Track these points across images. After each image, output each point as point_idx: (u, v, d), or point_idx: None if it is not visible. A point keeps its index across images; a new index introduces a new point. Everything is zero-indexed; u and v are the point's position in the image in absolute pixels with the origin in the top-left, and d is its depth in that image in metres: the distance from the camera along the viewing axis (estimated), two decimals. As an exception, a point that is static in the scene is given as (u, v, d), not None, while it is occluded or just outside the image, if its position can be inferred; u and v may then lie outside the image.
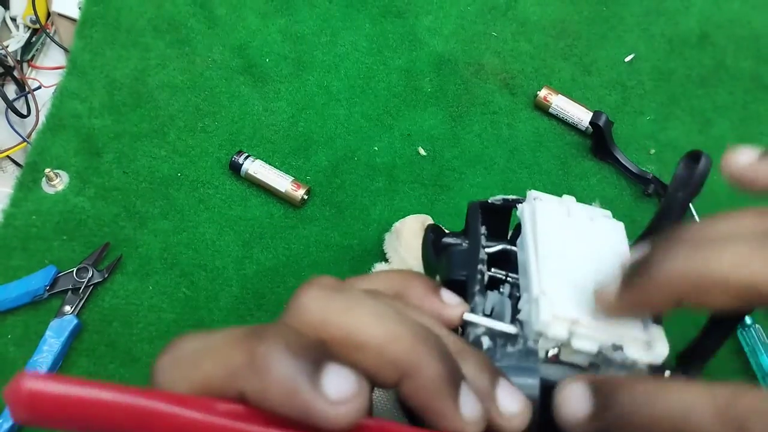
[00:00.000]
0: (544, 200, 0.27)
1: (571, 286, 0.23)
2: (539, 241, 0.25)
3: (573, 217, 0.27)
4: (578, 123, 0.67)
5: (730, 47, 0.75)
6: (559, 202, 0.28)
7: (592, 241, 0.26)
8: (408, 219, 0.59)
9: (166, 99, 0.66)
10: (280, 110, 0.67)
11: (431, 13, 0.73)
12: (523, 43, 0.73)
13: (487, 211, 0.29)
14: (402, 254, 0.56)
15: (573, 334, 0.22)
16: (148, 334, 0.56)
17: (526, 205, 0.27)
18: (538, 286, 0.23)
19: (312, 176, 0.64)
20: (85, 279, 0.56)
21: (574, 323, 0.22)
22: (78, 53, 0.67)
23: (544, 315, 0.22)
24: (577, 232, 0.26)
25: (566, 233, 0.26)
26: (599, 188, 0.66)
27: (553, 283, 0.23)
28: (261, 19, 0.71)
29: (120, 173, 0.62)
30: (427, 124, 0.67)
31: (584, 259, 0.25)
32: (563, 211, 0.27)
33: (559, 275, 0.24)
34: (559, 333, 0.22)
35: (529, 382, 0.22)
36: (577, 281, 0.24)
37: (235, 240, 0.60)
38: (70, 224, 0.59)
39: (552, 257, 0.24)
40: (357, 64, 0.70)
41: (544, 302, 0.22)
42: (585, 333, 0.22)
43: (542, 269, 0.24)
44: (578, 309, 0.23)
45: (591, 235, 0.26)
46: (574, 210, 0.27)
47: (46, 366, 0.52)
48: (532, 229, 0.26)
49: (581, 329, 0.22)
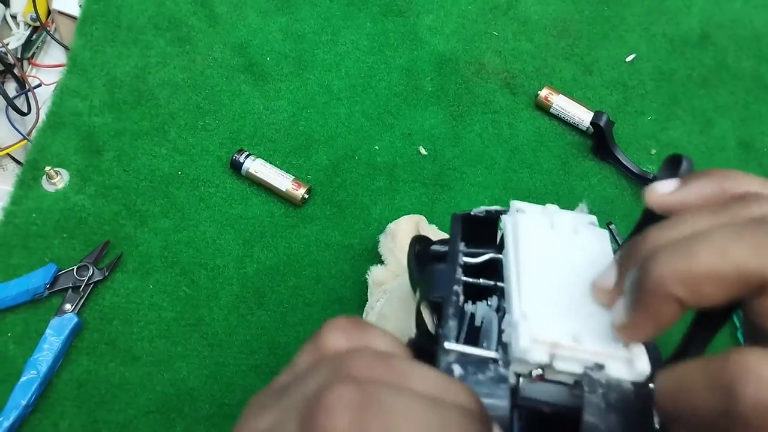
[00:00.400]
0: (527, 212, 0.27)
1: (552, 305, 0.23)
2: (520, 259, 0.25)
3: (556, 229, 0.27)
4: (579, 123, 0.67)
5: (732, 47, 0.75)
6: (542, 213, 0.27)
7: (574, 256, 0.26)
8: (402, 220, 0.59)
9: (166, 97, 0.66)
10: (280, 109, 0.67)
11: (432, 12, 0.73)
12: (524, 43, 0.73)
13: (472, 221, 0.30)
14: (398, 255, 0.56)
15: (554, 357, 0.22)
16: (149, 333, 0.56)
17: (508, 218, 0.27)
18: (518, 310, 0.23)
19: (313, 175, 0.64)
20: (85, 277, 0.56)
21: (554, 346, 0.22)
22: (78, 51, 0.67)
23: (523, 341, 0.22)
24: (560, 247, 0.26)
25: (548, 249, 0.26)
26: (600, 188, 0.66)
27: (533, 303, 0.23)
28: (262, 17, 0.71)
29: (120, 171, 0.62)
30: (428, 124, 0.67)
31: (566, 275, 0.25)
32: (546, 224, 0.27)
33: (540, 295, 0.24)
34: (539, 357, 0.22)
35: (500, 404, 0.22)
36: (559, 300, 0.24)
37: (235, 239, 0.60)
38: (71, 222, 0.59)
39: (533, 276, 0.24)
40: (358, 63, 0.70)
41: (523, 327, 0.22)
42: (566, 355, 0.22)
43: (523, 290, 0.24)
44: (559, 330, 0.23)
45: (573, 249, 0.26)
46: (558, 221, 0.27)
47: (46, 364, 0.52)
48: (513, 246, 0.26)
49: (562, 351, 0.22)
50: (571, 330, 0.22)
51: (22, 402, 0.51)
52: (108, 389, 0.54)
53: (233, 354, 0.56)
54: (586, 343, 0.22)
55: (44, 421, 0.52)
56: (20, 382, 0.52)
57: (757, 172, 0.74)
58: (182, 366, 0.55)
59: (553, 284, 0.24)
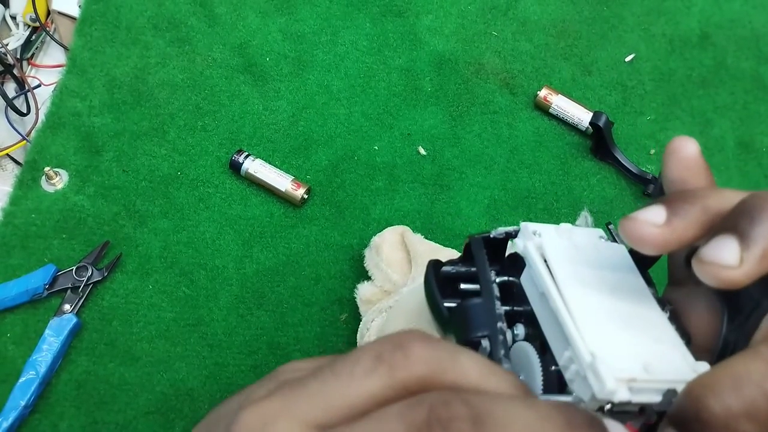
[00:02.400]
0: (544, 234, 0.26)
1: (611, 336, 0.22)
2: (563, 290, 0.23)
3: (580, 251, 0.25)
4: (578, 123, 0.67)
5: (731, 47, 0.75)
6: (560, 234, 0.26)
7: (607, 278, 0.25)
8: (386, 232, 0.57)
9: (166, 97, 0.66)
10: (280, 109, 0.67)
11: (432, 12, 0.73)
12: (524, 43, 0.73)
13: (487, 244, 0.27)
14: (384, 270, 0.54)
15: (633, 391, 0.21)
16: (148, 333, 0.56)
17: (528, 243, 0.25)
18: (585, 350, 0.22)
19: (312, 175, 0.64)
20: (84, 278, 0.56)
21: (632, 381, 0.21)
22: (78, 51, 0.67)
23: (609, 384, 0.21)
24: (591, 271, 0.25)
25: (582, 274, 0.24)
26: (599, 188, 0.66)
27: (596, 338, 0.22)
28: (261, 17, 0.71)
29: (120, 172, 0.62)
30: (428, 124, 0.67)
31: (608, 299, 0.24)
32: (569, 246, 0.25)
33: (596, 326, 0.22)
34: (623, 396, 0.21)
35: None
36: (614, 329, 0.23)
37: (235, 239, 0.60)
38: (70, 223, 0.59)
39: (581, 306, 0.23)
40: (357, 63, 0.70)
41: (604, 369, 0.21)
42: (644, 387, 0.21)
43: (579, 325, 0.22)
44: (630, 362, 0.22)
45: (603, 270, 0.25)
46: (577, 240, 0.26)
47: (45, 365, 0.52)
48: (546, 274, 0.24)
49: (640, 385, 0.21)
50: (638, 360, 0.22)
51: (21, 402, 0.51)
52: (107, 390, 0.54)
53: (233, 354, 0.56)
54: (656, 372, 0.21)
55: (43, 421, 0.52)
56: (19, 382, 0.52)
57: (756, 172, 0.74)
58: (182, 366, 0.55)
59: (602, 312, 0.23)
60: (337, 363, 0.17)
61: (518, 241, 0.26)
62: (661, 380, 0.21)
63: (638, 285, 0.25)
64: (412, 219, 0.63)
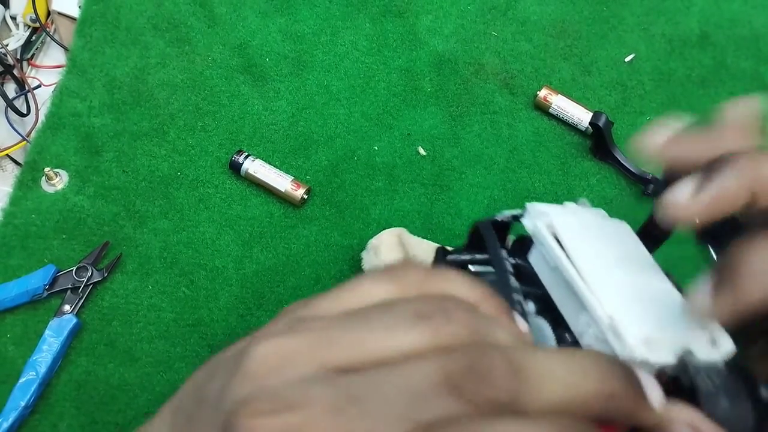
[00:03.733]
0: (551, 213, 0.26)
1: (625, 303, 0.23)
2: (577, 261, 0.24)
3: (586, 227, 0.26)
4: (578, 123, 0.67)
5: (731, 47, 0.75)
6: (566, 212, 0.27)
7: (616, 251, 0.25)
8: (383, 234, 0.57)
9: (165, 98, 0.66)
10: (280, 110, 0.67)
11: (431, 12, 0.73)
12: (523, 43, 0.73)
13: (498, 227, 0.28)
14: None
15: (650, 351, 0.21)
16: (148, 334, 0.56)
17: (537, 221, 0.26)
18: (603, 313, 0.22)
19: (312, 176, 0.64)
20: (84, 278, 0.56)
21: (647, 341, 0.21)
22: (78, 52, 0.67)
23: (631, 341, 0.21)
24: (601, 245, 0.25)
25: (592, 248, 0.25)
26: (599, 188, 0.66)
27: (612, 304, 0.23)
28: (261, 18, 0.71)
29: (120, 172, 0.62)
30: (427, 124, 0.67)
31: (619, 271, 0.24)
32: (576, 223, 0.26)
33: (611, 295, 0.23)
34: (643, 354, 0.21)
35: None
36: (627, 296, 0.23)
37: (234, 239, 0.60)
38: (70, 223, 0.59)
39: (595, 276, 0.24)
40: (357, 63, 0.70)
41: (623, 328, 0.21)
42: (661, 346, 0.21)
43: (597, 293, 0.23)
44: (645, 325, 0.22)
45: (611, 245, 0.25)
46: (583, 217, 0.26)
47: (45, 365, 0.52)
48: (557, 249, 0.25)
49: (656, 344, 0.21)
50: (652, 322, 0.22)
51: (21, 403, 0.51)
52: (107, 390, 0.54)
53: (232, 355, 0.56)
54: (670, 333, 0.22)
55: (43, 422, 0.52)
56: (19, 383, 0.52)
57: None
58: (182, 367, 0.55)
59: (614, 280, 0.24)
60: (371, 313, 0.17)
61: (526, 221, 0.26)
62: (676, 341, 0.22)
63: (645, 256, 0.26)
64: (412, 219, 0.63)
